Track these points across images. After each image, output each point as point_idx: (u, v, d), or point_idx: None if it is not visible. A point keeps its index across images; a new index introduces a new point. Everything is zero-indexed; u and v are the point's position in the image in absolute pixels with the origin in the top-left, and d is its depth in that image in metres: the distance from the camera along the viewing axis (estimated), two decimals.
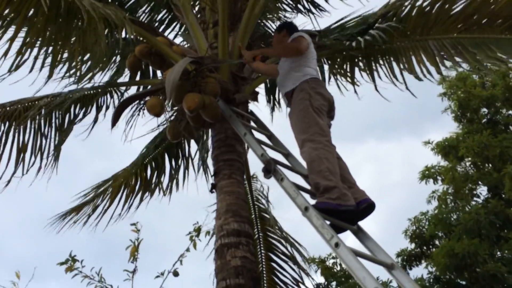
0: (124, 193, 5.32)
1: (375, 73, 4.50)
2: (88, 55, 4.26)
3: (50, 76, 3.74)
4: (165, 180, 5.46)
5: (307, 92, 3.38)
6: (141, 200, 5.37)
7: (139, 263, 5.69)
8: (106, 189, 5.41)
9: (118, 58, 5.00)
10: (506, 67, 4.03)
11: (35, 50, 3.69)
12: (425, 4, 4.20)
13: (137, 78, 5.01)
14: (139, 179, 5.33)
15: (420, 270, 11.37)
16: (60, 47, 3.79)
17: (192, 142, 5.48)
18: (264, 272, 5.34)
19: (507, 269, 8.56)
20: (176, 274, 5.34)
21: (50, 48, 3.74)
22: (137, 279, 5.70)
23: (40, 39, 3.64)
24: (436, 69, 4.18)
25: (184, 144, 5.48)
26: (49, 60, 3.80)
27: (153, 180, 5.40)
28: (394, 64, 4.41)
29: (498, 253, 9.24)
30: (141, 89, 5.03)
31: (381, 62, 4.48)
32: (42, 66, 3.72)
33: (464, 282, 9.20)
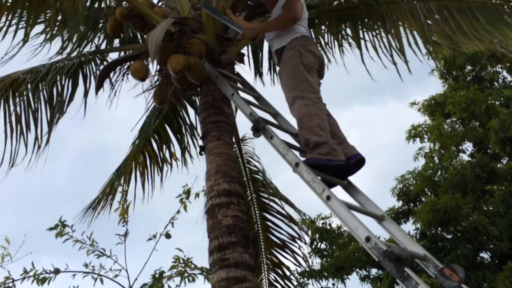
0: (138, 172, 5.21)
1: (362, 41, 4.41)
2: (68, 20, 4.11)
3: (25, 41, 3.62)
4: (174, 150, 5.32)
5: (298, 50, 3.35)
6: (161, 174, 5.23)
7: (131, 230, 5.74)
8: (120, 174, 5.30)
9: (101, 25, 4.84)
10: (487, 41, 3.85)
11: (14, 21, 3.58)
12: None
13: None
14: (146, 153, 5.22)
15: (408, 227, 11.67)
16: (37, 13, 3.67)
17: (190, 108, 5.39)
18: (260, 231, 5.43)
19: (491, 221, 8.81)
20: (168, 236, 5.43)
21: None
22: (129, 246, 5.76)
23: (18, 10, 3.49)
24: (423, 41, 4.08)
25: (182, 112, 5.38)
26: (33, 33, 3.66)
27: (164, 151, 5.25)
28: (382, 32, 4.32)
29: (485, 208, 9.49)
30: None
31: (368, 26, 4.38)
32: (16, 33, 3.60)
33: (449, 236, 9.47)
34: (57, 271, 5.49)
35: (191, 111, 5.33)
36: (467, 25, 3.87)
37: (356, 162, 3.05)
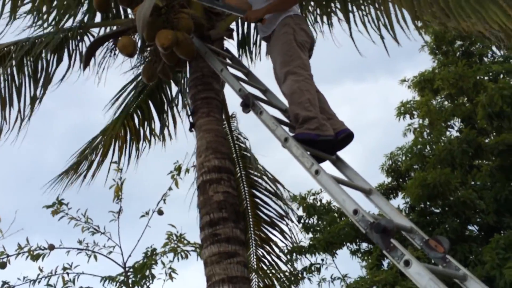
0: (117, 146, 5.17)
1: (351, 16, 4.35)
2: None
3: (13, 17, 3.54)
4: (155, 127, 5.29)
5: (291, 27, 3.33)
6: (138, 150, 5.20)
7: (124, 209, 5.78)
8: (97, 144, 5.25)
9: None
10: (475, 20, 3.78)
11: None
12: None
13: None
14: (127, 128, 5.18)
15: (397, 201, 11.84)
16: None
17: (173, 85, 5.35)
18: (249, 208, 5.48)
19: (478, 195, 8.96)
20: (160, 212, 5.47)
21: None
22: (123, 224, 5.81)
23: None
24: (412, 17, 4.02)
25: (165, 89, 5.33)
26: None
27: (145, 128, 5.22)
28: (371, 8, 4.24)
29: (472, 182, 9.63)
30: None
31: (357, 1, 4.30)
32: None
33: (438, 210, 9.63)
34: (51, 247, 5.53)
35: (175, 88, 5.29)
36: (453, 2, 3.82)
37: (345, 137, 3.08)
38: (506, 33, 3.62)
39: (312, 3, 4.74)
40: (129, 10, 4.80)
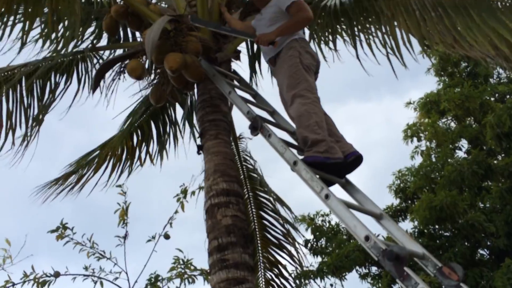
0: (111, 163, 5.19)
1: (356, 38, 4.35)
2: (63, 19, 4.08)
3: (23, 42, 3.58)
4: (153, 148, 5.33)
5: (297, 50, 3.34)
6: (130, 169, 5.24)
7: (130, 232, 5.73)
8: (93, 159, 5.30)
9: (96, 22, 4.81)
10: (481, 43, 3.73)
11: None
12: None
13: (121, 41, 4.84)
14: (125, 148, 5.20)
15: (406, 225, 11.67)
16: (33, 13, 3.63)
17: (178, 107, 5.38)
18: (257, 229, 5.42)
19: (487, 218, 8.81)
20: (167, 237, 5.41)
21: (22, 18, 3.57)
22: (129, 248, 5.75)
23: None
24: (418, 39, 4.01)
25: (169, 110, 5.37)
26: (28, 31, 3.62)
27: (141, 148, 5.25)
28: (377, 29, 4.24)
29: (481, 204, 9.50)
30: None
31: (362, 23, 4.30)
32: (11, 32, 3.56)
33: (447, 234, 9.48)
34: (57, 274, 5.48)
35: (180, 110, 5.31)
36: (461, 24, 3.81)
37: (354, 160, 3.05)
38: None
39: (316, 26, 4.75)
40: (137, 33, 4.86)
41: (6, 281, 5.35)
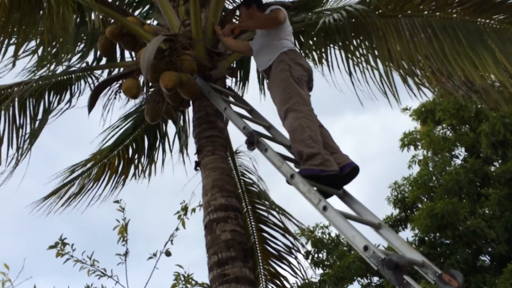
0: (107, 174, 5.24)
1: (349, 59, 4.35)
2: (57, 39, 4.12)
3: (14, 63, 3.63)
4: (146, 161, 5.40)
5: (287, 63, 3.38)
6: (124, 181, 5.29)
7: (130, 249, 5.70)
8: (89, 169, 5.31)
9: (91, 42, 4.87)
10: (467, 70, 3.75)
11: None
12: None
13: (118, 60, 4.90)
14: (122, 160, 5.25)
15: (406, 234, 11.66)
16: (27, 33, 3.68)
17: (170, 123, 5.43)
18: (257, 242, 5.43)
19: (488, 224, 8.84)
20: (168, 254, 5.39)
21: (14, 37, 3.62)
22: (129, 265, 5.71)
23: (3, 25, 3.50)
24: (408, 62, 4.00)
25: (162, 125, 5.42)
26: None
27: (135, 162, 5.33)
28: (369, 53, 4.23)
29: (481, 211, 9.52)
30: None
31: (354, 43, 4.33)
32: (6, 50, 3.59)
33: (448, 241, 9.48)
34: None
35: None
36: (449, 47, 3.83)
37: (350, 171, 3.07)
38: (500, 84, 3.65)
39: (310, 43, 4.79)
40: (133, 53, 4.91)
41: None
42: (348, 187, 3.12)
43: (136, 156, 5.33)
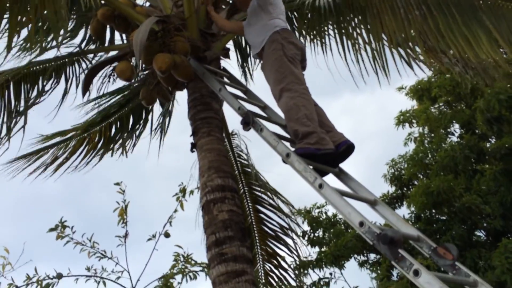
0: (85, 149, 5.19)
1: (344, 39, 4.32)
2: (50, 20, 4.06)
3: (9, 48, 3.59)
4: (131, 142, 5.36)
5: (279, 42, 3.36)
6: (101, 158, 5.24)
7: (130, 232, 5.75)
8: (68, 140, 5.26)
9: (81, 23, 4.82)
10: (460, 47, 3.71)
11: None
12: None
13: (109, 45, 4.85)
14: (102, 137, 5.19)
15: (402, 211, 11.76)
16: (20, 17, 3.63)
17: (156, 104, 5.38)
18: (254, 223, 5.47)
19: (483, 200, 8.93)
20: (167, 235, 5.46)
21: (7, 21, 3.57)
22: (129, 248, 5.78)
23: None
24: (401, 40, 3.96)
25: (148, 107, 5.37)
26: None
27: (116, 140, 5.28)
28: (363, 30, 4.19)
29: (476, 187, 9.60)
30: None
31: (348, 22, 4.27)
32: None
33: (444, 218, 9.58)
34: (59, 276, 5.49)
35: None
36: (443, 24, 3.80)
37: (346, 149, 3.09)
38: (494, 62, 3.63)
39: (304, 23, 4.76)
40: (125, 36, 4.87)
41: (9, 284, 5.37)
42: (345, 167, 3.14)
43: (119, 136, 5.27)
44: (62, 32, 4.53)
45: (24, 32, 4.30)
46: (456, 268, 2.28)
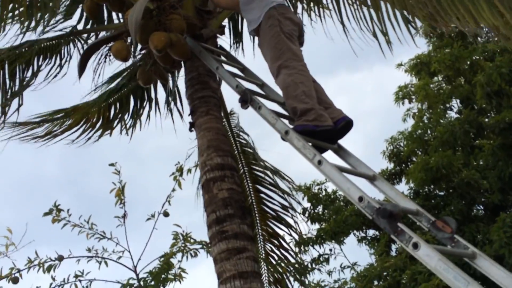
0: (82, 127, 5.10)
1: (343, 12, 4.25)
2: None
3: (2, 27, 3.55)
4: (130, 122, 5.27)
5: (276, 18, 3.31)
6: (100, 137, 5.15)
7: (129, 214, 5.78)
8: (64, 117, 5.14)
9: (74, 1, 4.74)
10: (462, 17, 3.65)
11: None
12: None
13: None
14: (101, 117, 5.11)
15: (401, 187, 11.84)
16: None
17: (159, 85, 5.34)
18: (254, 203, 5.49)
19: (481, 175, 8.98)
20: (166, 214, 5.48)
21: None
22: (129, 228, 5.81)
23: None
24: (404, 21, 3.90)
25: (150, 87, 5.31)
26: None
27: (116, 120, 5.19)
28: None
29: (475, 163, 9.65)
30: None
31: None
32: None
33: (442, 193, 9.65)
34: (61, 258, 5.53)
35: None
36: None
37: (344, 125, 3.08)
38: (498, 31, 3.57)
39: None
40: (120, 15, 4.80)
41: (11, 268, 5.42)
42: (345, 144, 3.14)
43: (119, 116, 5.19)
44: (57, 10, 4.46)
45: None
46: (455, 241, 2.30)
